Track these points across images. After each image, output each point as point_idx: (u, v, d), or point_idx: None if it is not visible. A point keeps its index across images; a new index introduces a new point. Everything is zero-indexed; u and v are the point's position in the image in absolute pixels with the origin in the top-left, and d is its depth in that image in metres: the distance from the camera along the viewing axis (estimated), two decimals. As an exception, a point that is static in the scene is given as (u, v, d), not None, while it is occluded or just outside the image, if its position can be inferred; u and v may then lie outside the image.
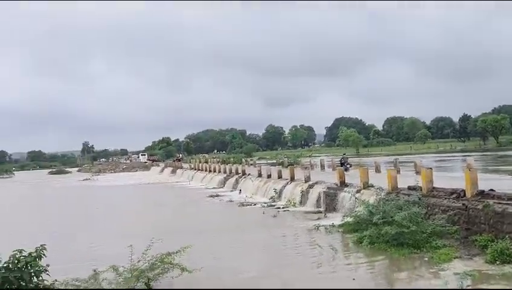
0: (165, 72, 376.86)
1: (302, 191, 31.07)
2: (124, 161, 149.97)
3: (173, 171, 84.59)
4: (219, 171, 58.08)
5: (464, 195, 17.51)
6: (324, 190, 28.64)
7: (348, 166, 38.36)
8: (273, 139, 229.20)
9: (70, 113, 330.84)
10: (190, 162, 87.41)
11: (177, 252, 13.28)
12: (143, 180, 77.08)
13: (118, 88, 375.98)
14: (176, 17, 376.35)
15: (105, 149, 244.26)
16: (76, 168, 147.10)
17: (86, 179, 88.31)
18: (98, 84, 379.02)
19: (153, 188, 60.53)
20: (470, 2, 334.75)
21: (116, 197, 51.22)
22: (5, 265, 7.54)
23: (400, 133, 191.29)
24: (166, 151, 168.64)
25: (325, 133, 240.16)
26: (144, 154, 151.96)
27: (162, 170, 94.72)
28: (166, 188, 58.07)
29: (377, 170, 35.11)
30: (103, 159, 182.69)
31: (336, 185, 27.84)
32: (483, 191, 17.04)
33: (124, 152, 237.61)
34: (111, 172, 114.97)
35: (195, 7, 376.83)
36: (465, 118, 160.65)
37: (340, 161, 41.41)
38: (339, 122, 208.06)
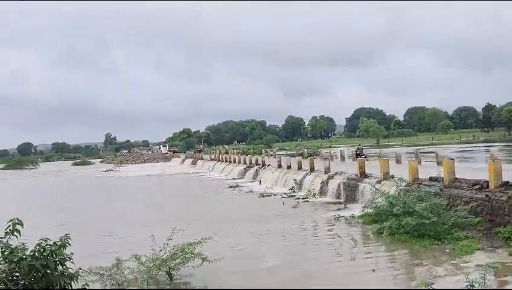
0: (185, 63, 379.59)
1: (322, 182, 31.03)
2: (146, 152, 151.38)
3: (193, 162, 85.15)
4: (239, 162, 58.28)
5: (487, 186, 17.28)
6: (344, 180, 28.56)
7: (363, 156, 38.33)
8: (292, 130, 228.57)
9: (93, 105, 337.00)
10: (210, 153, 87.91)
11: (198, 243, 13.39)
12: (164, 171, 77.81)
13: (139, 79, 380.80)
14: (195, 8, 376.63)
15: (128, 140, 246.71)
16: (99, 160, 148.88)
17: (108, 170, 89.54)
18: (119, 75, 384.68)
19: (174, 179, 61.06)
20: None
21: (137, 187, 51.76)
22: (31, 253, 7.72)
23: (422, 123, 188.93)
24: (186, 143, 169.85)
25: (345, 124, 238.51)
26: (165, 146, 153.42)
27: (183, 161, 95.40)
28: (187, 179, 58.52)
29: (398, 161, 34.84)
30: (125, 151, 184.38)
31: (356, 175, 27.74)
32: (507, 182, 16.80)
33: (145, 143, 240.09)
34: (133, 163, 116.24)
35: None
36: (489, 108, 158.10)
37: (356, 151, 41.41)
38: (359, 113, 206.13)
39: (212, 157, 77.64)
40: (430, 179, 21.02)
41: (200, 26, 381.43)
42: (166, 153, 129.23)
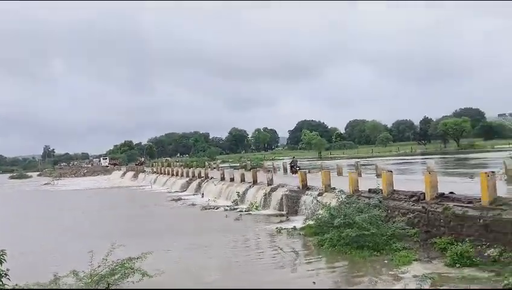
0: (127, 75, 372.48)
1: (265, 194, 31.03)
2: (86, 165, 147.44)
3: (135, 175, 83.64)
4: (182, 175, 57.59)
5: (424, 198, 17.71)
6: (286, 193, 28.65)
7: (297, 169, 39.21)
8: (236, 142, 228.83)
9: (31, 116, 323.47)
10: (152, 166, 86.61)
11: (138, 258, 12.99)
12: (104, 184, 75.90)
13: (79, 90, 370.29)
14: (137, 18, 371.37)
15: (67, 153, 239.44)
16: (37, 173, 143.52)
17: (47, 184, 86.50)
18: (59, 86, 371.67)
19: (114, 192, 59.53)
20: (430, 4, 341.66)
21: (76, 201, 50.06)
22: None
23: (362, 136, 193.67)
24: (128, 155, 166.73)
25: (288, 136, 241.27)
26: (106, 158, 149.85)
27: (124, 174, 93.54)
28: (128, 192, 57.22)
29: (339, 173, 35.40)
30: (64, 164, 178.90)
31: (298, 188, 27.88)
32: (443, 193, 17.28)
33: (85, 156, 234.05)
34: (72, 176, 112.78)
35: (155, 8, 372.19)
36: (426, 121, 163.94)
37: (290, 163, 42.10)
38: (302, 125, 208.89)
39: (155, 170, 76.49)
40: (370, 191, 21.37)
41: (143, 37, 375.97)
42: (107, 166, 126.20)
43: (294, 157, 48.09)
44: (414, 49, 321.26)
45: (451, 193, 17.22)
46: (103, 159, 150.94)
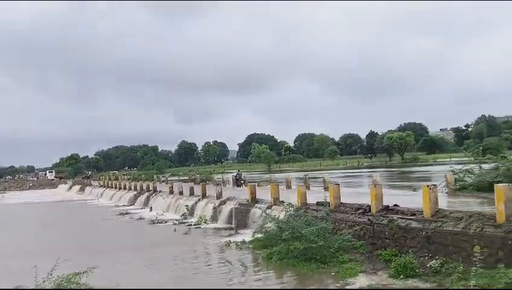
0: (74, 87, 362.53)
1: (214, 208, 30.90)
2: (31, 179, 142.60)
3: (82, 189, 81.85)
4: (129, 189, 56.63)
5: (370, 210, 18.10)
6: (236, 206, 28.64)
7: (241, 181, 39.67)
8: (186, 156, 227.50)
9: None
10: (99, 180, 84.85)
11: (84, 273, 12.72)
12: (50, 198, 73.56)
13: (24, 102, 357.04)
14: (82, 30, 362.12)
15: (11, 166, 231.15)
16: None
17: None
18: (1, 98, 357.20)
19: (60, 206, 57.78)
20: (371, 24, 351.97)
21: (20, 215, 48.29)
22: None
23: (311, 149, 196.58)
24: (74, 169, 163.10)
25: (237, 150, 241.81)
26: (52, 172, 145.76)
27: (70, 188, 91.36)
28: (74, 206, 55.65)
29: (288, 186, 35.70)
30: (9, 177, 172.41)
31: (248, 201, 27.93)
32: (387, 206, 17.72)
33: (30, 169, 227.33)
34: (17, 190, 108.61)
35: (100, 20, 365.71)
36: (371, 135, 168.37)
37: (235, 177, 42.40)
38: (252, 139, 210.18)
39: (102, 184, 74.94)
40: (318, 203, 21.66)
41: (89, 49, 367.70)
42: (53, 179, 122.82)
43: (239, 171, 48.59)
44: (359, 65, 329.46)
45: (396, 205, 17.68)
46: (49, 172, 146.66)
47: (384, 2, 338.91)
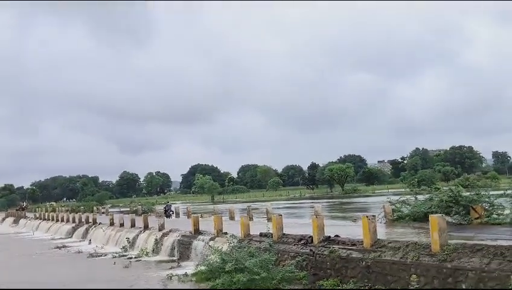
0: (9, 114, 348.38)
1: (156, 240, 30.36)
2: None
3: (15, 221, 78.32)
4: (67, 221, 54.70)
5: (312, 241, 18.37)
6: (178, 238, 28.29)
7: (171, 213, 39.97)
8: (127, 186, 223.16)
9: None
10: (35, 211, 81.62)
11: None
12: (-21, 231, 69.80)
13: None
14: (20, 55, 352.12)
15: None
16: None
17: None
18: None
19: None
20: (312, 58, 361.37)
21: None
22: None
23: (254, 180, 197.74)
24: (8, 200, 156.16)
25: (181, 180, 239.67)
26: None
27: (3, 220, 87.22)
28: (6, 240, 52.92)
29: (231, 217, 35.67)
30: None
31: (191, 233, 27.67)
32: (329, 237, 18.05)
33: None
34: None
35: (41, 47, 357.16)
36: (313, 167, 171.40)
37: (164, 208, 42.58)
38: (195, 169, 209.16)
39: (38, 216, 71.99)
40: (261, 234, 21.75)
41: (26, 75, 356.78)
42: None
43: (168, 202, 48.84)
44: (300, 98, 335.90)
45: (337, 236, 18.03)
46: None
47: (328, 37, 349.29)
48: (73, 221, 52.03)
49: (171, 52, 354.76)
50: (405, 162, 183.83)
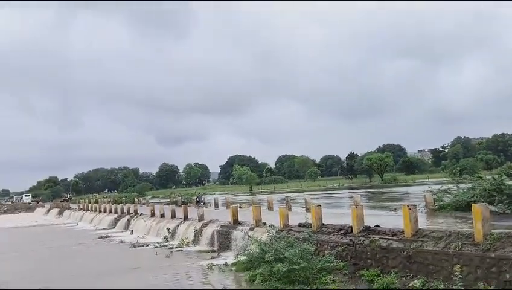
0: (54, 108, 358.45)
1: (196, 230, 30.78)
2: (6, 202, 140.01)
3: (60, 213, 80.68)
4: (110, 212, 56.08)
5: (351, 231, 18.28)
6: (218, 228, 28.59)
7: (202, 203, 40.65)
8: (167, 178, 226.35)
9: None
10: (79, 203, 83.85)
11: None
12: (26, 222, 72.23)
13: (1, 123, 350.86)
14: (64, 51, 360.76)
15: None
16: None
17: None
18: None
19: (37, 231, 56.71)
20: (352, 47, 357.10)
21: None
22: None
23: (292, 171, 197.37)
24: (53, 192, 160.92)
25: (219, 171, 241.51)
26: (28, 195, 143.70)
27: (48, 211, 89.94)
28: (52, 230, 54.72)
29: (270, 208, 35.78)
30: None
31: (230, 223, 27.91)
32: (369, 227, 17.92)
33: (5, 193, 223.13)
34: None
35: (86, 42, 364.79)
36: (351, 156, 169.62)
37: (196, 199, 43.40)
38: (233, 160, 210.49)
39: (81, 207, 74.06)
40: (300, 225, 21.76)
41: (70, 69, 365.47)
42: (30, 203, 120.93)
43: (200, 193, 50.20)
44: (339, 87, 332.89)
45: (377, 225, 17.89)
46: (25, 196, 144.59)
47: (366, 25, 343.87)
48: (116, 212, 53.27)
49: (210, 44, 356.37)
50: (446, 151, 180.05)
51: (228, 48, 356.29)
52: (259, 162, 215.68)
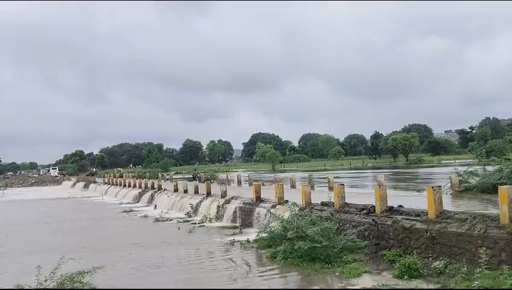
0: (80, 83, 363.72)
1: (219, 207, 30.98)
2: (33, 175, 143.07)
3: (86, 186, 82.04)
4: (134, 186, 56.81)
5: (374, 211, 18.17)
6: (240, 205, 28.72)
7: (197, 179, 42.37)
8: (190, 154, 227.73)
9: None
10: (104, 177, 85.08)
11: (88, 272, 12.69)
12: (53, 194, 73.72)
13: (28, 99, 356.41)
14: (90, 27, 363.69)
15: (13, 162, 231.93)
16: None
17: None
18: (6, 95, 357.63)
19: (64, 203, 57.86)
20: (380, 25, 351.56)
21: (22, 212, 48.34)
22: None
23: (315, 149, 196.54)
24: (79, 165, 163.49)
25: (242, 149, 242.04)
26: (55, 168, 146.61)
27: (74, 185, 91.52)
28: (78, 203, 55.74)
29: (292, 186, 35.76)
30: (10, 173, 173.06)
31: (252, 200, 28.01)
32: (392, 207, 17.78)
33: (33, 166, 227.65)
34: (19, 186, 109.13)
35: (108, 18, 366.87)
36: (376, 136, 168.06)
37: (192, 175, 44.20)
38: (256, 138, 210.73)
39: (106, 181, 75.22)
40: (322, 203, 21.72)
41: (96, 46, 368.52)
42: (57, 176, 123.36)
43: (196, 170, 51.76)
44: (366, 67, 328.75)
45: (400, 206, 17.74)
46: (52, 169, 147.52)
47: (393, 3, 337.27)
48: (140, 187, 53.94)
49: (235, 21, 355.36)
50: (474, 132, 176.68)
51: (254, 24, 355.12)
52: (283, 140, 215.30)
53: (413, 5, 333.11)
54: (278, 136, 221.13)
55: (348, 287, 13.86)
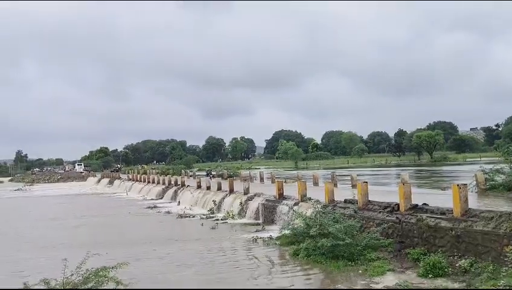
0: (103, 80, 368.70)
1: (241, 203, 31.10)
2: (59, 171, 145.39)
3: (110, 182, 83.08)
4: (158, 183, 57.35)
5: (398, 209, 18.03)
6: (263, 202, 28.78)
7: (211, 176, 47.53)
8: (213, 151, 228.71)
9: (2, 121, 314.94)
10: (128, 173, 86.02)
11: (113, 267, 12.85)
12: (79, 190, 74.94)
13: (54, 95, 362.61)
14: (113, 25, 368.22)
15: (40, 158, 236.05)
16: (9, 178, 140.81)
17: (18, 189, 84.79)
18: (32, 91, 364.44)
19: (89, 199, 58.79)
20: (404, 21, 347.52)
21: (49, 208, 49.21)
22: None
23: (338, 147, 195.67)
24: (103, 162, 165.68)
25: (265, 146, 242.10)
26: (80, 164, 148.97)
27: (99, 181, 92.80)
28: (103, 199, 56.55)
29: (315, 183, 35.67)
30: (37, 169, 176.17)
31: (275, 197, 28.03)
32: (416, 205, 17.61)
33: (59, 162, 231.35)
34: (45, 182, 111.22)
35: (132, 15, 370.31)
36: (400, 133, 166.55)
37: (206, 171, 44.72)
38: (279, 135, 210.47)
39: (130, 177, 76.07)
40: (345, 201, 21.64)
41: (120, 42, 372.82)
42: (82, 172, 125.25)
43: (209, 168, 52.39)
44: (390, 63, 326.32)
45: (425, 204, 17.56)
46: (78, 165, 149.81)
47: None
48: (163, 183, 54.43)
49: (256, 17, 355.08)
50: (500, 129, 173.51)
51: (275, 20, 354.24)
52: (305, 138, 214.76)
53: (437, 1, 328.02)
54: (300, 134, 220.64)
55: (372, 285, 13.79)
